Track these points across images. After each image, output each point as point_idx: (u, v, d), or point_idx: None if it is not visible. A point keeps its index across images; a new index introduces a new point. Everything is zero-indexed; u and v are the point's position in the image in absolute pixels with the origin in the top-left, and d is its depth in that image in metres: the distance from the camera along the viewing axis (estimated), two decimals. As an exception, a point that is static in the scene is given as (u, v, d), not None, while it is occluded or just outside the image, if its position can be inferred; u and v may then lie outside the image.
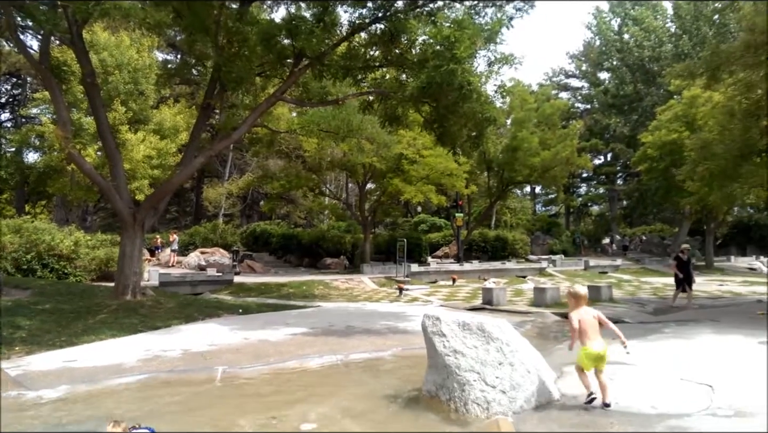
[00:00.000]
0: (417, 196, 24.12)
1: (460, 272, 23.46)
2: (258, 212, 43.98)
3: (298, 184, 26.36)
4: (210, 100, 12.77)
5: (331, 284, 18.99)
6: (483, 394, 4.87)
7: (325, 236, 29.99)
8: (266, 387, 5.97)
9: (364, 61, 12.93)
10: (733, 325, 9.71)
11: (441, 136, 12.83)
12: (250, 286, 17.76)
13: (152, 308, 10.98)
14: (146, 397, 5.46)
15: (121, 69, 22.57)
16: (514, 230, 37.46)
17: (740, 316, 11.29)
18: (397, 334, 9.28)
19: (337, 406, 5.21)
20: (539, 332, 9.92)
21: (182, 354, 7.31)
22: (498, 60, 11.07)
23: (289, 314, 12.00)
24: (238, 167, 40.64)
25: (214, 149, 13.38)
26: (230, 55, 11.55)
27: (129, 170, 20.82)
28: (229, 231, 31.16)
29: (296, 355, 7.30)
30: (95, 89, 12.26)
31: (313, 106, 14.91)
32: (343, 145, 21.96)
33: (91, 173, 12.18)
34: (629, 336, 8.68)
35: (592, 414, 4.71)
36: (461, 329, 5.29)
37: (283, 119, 21.95)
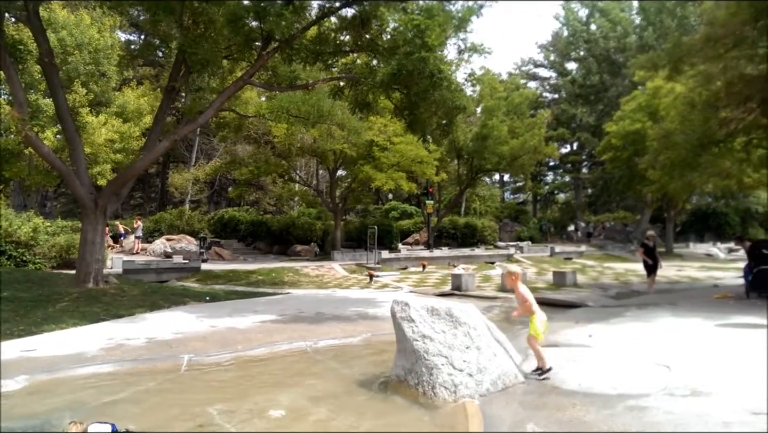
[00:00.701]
0: (388, 183, 24.15)
1: (430, 258, 23.66)
2: (226, 199, 43.32)
3: (268, 170, 26.03)
4: (175, 82, 12.45)
5: (302, 270, 18.90)
6: (451, 377, 4.94)
7: (296, 222, 29.78)
8: (234, 375, 5.92)
9: (335, 45, 12.79)
10: (691, 308, 10.08)
11: (411, 123, 12.83)
12: (217, 273, 17.53)
13: (115, 296, 10.73)
14: (109, 387, 5.35)
15: (81, 49, 21.71)
16: (483, 217, 37.94)
17: (698, 300, 11.73)
18: (366, 320, 9.31)
19: (305, 392, 5.21)
20: (506, 316, 10.10)
21: (147, 343, 7.18)
22: (468, 48, 11.12)
23: (258, 301, 11.90)
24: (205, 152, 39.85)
25: (179, 134, 13.06)
26: (196, 37, 11.26)
27: (90, 154, 20.18)
28: (196, 218, 30.60)
29: (265, 342, 7.25)
30: (53, 70, 11.79)
31: (282, 90, 14.71)
32: (314, 131, 21.76)
33: (50, 157, 11.75)
34: (592, 320, 8.97)
35: (555, 395, 4.83)
36: (430, 315, 5.34)
37: (252, 103, 21.57)
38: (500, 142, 27.75)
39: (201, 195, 41.08)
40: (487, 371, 5.09)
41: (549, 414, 4.36)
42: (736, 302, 10.99)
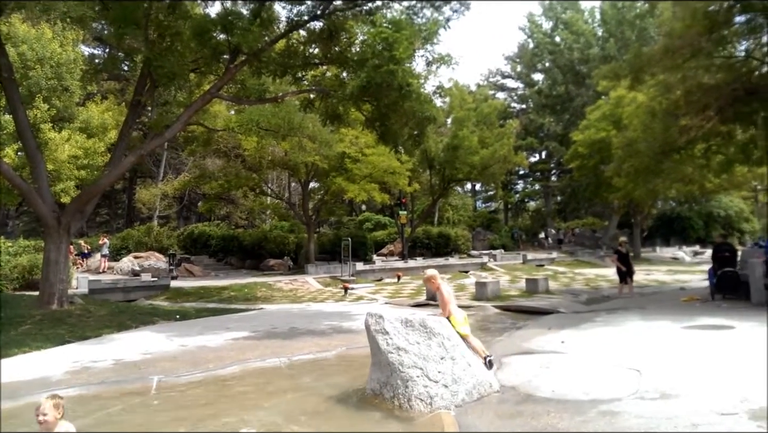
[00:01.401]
0: (361, 194, 24.10)
1: (405, 269, 23.67)
2: (196, 214, 42.59)
3: (238, 183, 25.69)
4: (140, 96, 12.24)
5: (275, 285, 18.67)
6: (426, 389, 4.92)
7: (268, 236, 29.44)
8: (205, 395, 5.78)
9: (304, 58, 12.78)
10: (659, 312, 10.31)
11: (383, 134, 12.87)
12: (188, 290, 17.17)
13: (81, 318, 10.41)
14: (75, 412, 5.15)
15: (43, 63, 21.14)
16: (457, 227, 38.20)
17: (665, 303, 12.01)
18: (341, 334, 9.24)
19: (280, 409, 5.12)
20: (481, 325, 10.15)
21: (114, 364, 6.97)
22: (436, 60, 11.23)
23: (230, 318, 11.70)
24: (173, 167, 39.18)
25: (146, 148, 12.83)
26: (162, 50, 11.12)
27: (53, 171, 19.61)
28: (164, 234, 29.96)
29: (237, 360, 7.11)
30: (13, 85, 11.47)
31: (251, 103, 14.59)
32: (285, 143, 21.62)
33: (10, 175, 11.37)
34: (564, 326, 9.08)
35: (530, 403, 4.85)
36: (404, 326, 5.32)
37: (221, 117, 21.33)
38: (471, 152, 28.06)
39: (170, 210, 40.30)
40: (462, 381, 5.09)
41: (524, 422, 4.38)
42: (702, 305, 11.29)
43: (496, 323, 10.72)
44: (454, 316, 5.75)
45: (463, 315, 5.90)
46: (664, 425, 4.04)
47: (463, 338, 5.63)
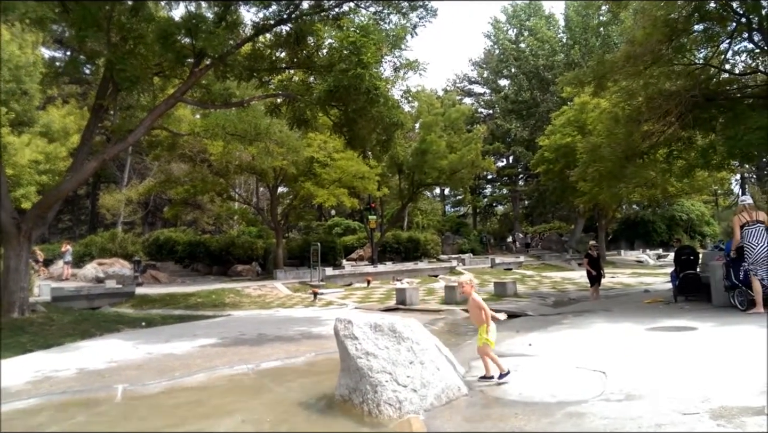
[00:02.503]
0: (330, 199, 24.04)
1: (375, 273, 23.67)
2: (162, 219, 41.70)
3: (205, 189, 25.30)
4: (102, 100, 11.94)
5: (243, 291, 18.41)
6: (395, 394, 4.92)
7: (236, 242, 29.04)
8: (171, 403, 5.65)
9: (270, 62, 12.68)
10: (624, 314, 10.54)
11: (351, 139, 12.87)
12: (154, 297, 16.78)
13: (43, 326, 10.07)
14: (35, 422, 4.98)
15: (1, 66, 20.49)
16: (426, 231, 38.43)
17: (630, 305, 12.29)
18: (310, 339, 9.18)
19: (248, 417, 5.04)
20: (450, 328, 10.23)
21: (77, 373, 6.76)
22: (404, 65, 11.29)
23: (198, 325, 11.48)
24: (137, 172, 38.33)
25: (108, 153, 12.51)
26: (124, 53, 10.87)
27: (12, 176, 18.98)
28: (129, 240, 29.24)
29: (204, 367, 6.98)
30: (-33, 87, 11.05)
31: (217, 108, 14.41)
32: (252, 148, 21.37)
33: (-35, 180, 10.95)
34: (532, 328, 9.22)
35: (498, 406, 4.91)
36: (373, 331, 5.32)
37: (186, 121, 20.97)
38: (439, 156, 28.34)
39: (135, 216, 39.39)
40: (431, 385, 5.11)
41: (492, 425, 4.42)
42: (665, 306, 11.54)
43: (466, 326, 10.81)
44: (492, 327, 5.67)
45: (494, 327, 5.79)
46: (629, 426, 4.13)
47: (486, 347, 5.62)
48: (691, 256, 12.42)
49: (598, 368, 6.00)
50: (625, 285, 18.69)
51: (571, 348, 7.32)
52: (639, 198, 31.31)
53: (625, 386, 5.22)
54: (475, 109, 50.24)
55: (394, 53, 10.73)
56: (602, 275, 14.49)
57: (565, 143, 28.60)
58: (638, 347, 7.23)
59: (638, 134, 14.15)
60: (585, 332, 8.64)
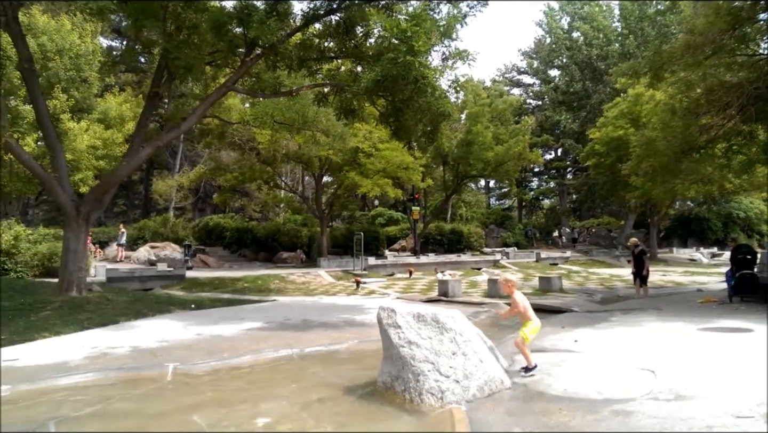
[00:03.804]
0: (374, 189, 24.11)
1: (417, 264, 23.67)
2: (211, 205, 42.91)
3: (252, 176, 25.87)
4: (157, 89, 12.34)
5: (288, 278, 18.78)
6: (437, 384, 4.93)
7: (281, 229, 29.61)
8: (219, 383, 5.85)
9: (319, 52, 12.77)
10: (675, 313, 10.20)
11: (396, 130, 12.84)
12: (203, 281, 17.35)
13: (99, 305, 10.57)
14: (92, 396, 5.25)
15: (62, 55, 21.44)
16: (469, 223, 38.08)
17: (682, 304, 11.86)
18: (353, 327, 9.28)
19: (292, 400, 5.17)
20: (493, 322, 10.13)
21: (131, 351, 7.08)
22: (453, 55, 11.14)
23: (244, 309, 11.81)
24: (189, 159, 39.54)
25: (162, 140, 12.94)
26: (179, 43, 11.18)
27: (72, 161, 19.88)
28: (180, 225, 30.28)
29: (251, 350, 7.18)
30: (33, 75, 11.64)
31: (266, 97, 14.65)
32: (298, 137, 21.69)
33: (30, 164, 11.57)
34: (578, 325, 9.03)
35: (541, 400, 4.85)
36: (416, 321, 5.33)
37: (235, 110, 21.44)
38: (485, 148, 27.93)
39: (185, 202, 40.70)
40: (474, 376, 5.09)
41: (535, 419, 4.37)
42: (719, 307, 11.13)
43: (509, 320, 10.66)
44: (533, 321, 5.85)
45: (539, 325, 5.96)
46: (679, 426, 4.01)
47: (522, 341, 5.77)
48: (748, 255, 11.91)
49: (647, 366, 5.83)
50: (677, 284, 18.00)
51: (618, 346, 7.14)
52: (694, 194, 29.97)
53: (675, 385, 5.05)
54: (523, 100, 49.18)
55: (443, 43, 10.61)
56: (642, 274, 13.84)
57: (618, 136, 27.69)
58: (689, 347, 6.98)
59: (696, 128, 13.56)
60: (633, 330, 8.40)
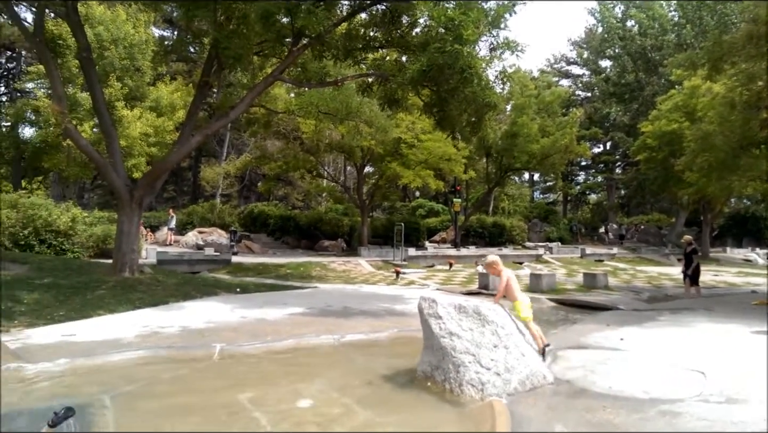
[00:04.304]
0: (415, 180, 24.07)
1: (457, 256, 23.54)
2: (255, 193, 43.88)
3: (296, 165, 26.26)
4: (207, 78, 12.65)
5: (329, 265, 19.03)
6: (478, 375, 4.91)
7: (323, 218, 29.99)
8: (263, 365, 6.01)
9: (365, 41, 12.80)
10: (727, 314, 9.80)
11: (440, 120, 12.75)
12: (247, 266, 17.78)
13: (150, 285, 11.00)
14: (144, 372, 5.49)
15: (117, 44, 22.27)
16: (512, 217, 37.53)
17: (735, 305, 11.39)
18: (393, 316, 9.33)
19: (333, 384, 5.25)
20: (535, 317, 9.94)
21: (180, 331, 7.34)
22: (501, 45, 10.94)
23: (287, 295, 12.05)
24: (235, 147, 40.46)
25: (211, 128, 13.28)
26: (228, 33, 11.41)
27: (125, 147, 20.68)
28: (226, 211, 31.11)
29: (293, 334, 7.33)
30: (90, 64, 12.12)
31: (312, 86, 14.78)
32: (341, 127, 21.85)
33: (88, 149, 12.08)
34: (623, 323, 8.80)
35: (584, 397, 4.76)
36: (457, 312, 5.32)
37: (281, 100, 21.77)
38: (530, 140, 27.39)
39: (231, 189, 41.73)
40: (515, 370, 5.05)
41: (578, 416, 4.30)
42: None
43: (551, 316, 10.53)
44: (520, 301, 5.88)
45: (528, 301, 6.01)
46: (730, 430, 3.87)
47: (525, 323, 5.74)
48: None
49: (697, 367, 5.64)
50: (730, 284, 17.24)
51: (666, 346, 6.92)
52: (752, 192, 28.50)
53: (727, 388, 4.87)
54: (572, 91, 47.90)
55: (491, 32, 10.43)
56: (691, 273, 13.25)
57: (671, 130, 26.65)
58: (742, 349, 6.71)
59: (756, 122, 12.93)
60: (682, 330, 8.12)
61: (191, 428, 4.11)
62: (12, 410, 4.32)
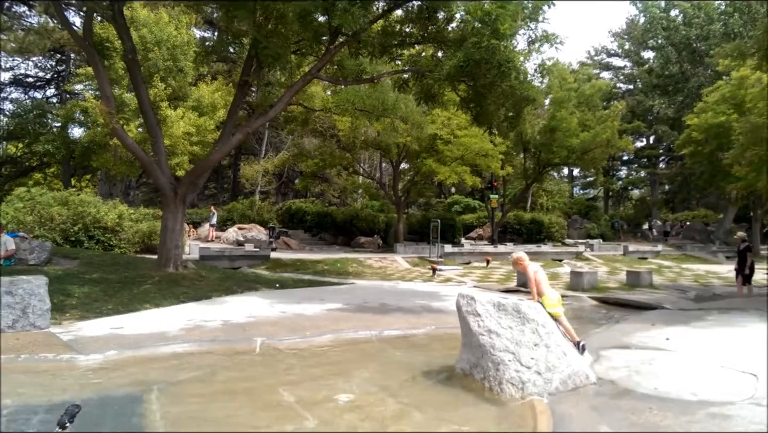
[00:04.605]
0: (451, 177, 23.88)
1: (494, 253, 23.27)
2: (293, 190, 44.45)
3: (332, 162, 26.49)
4: (247, 77, 12.87)
5: (365, 262, 19.13)
6: (518, 374, 4.86)
7: (359, 214, 30.14)
8: (303, 359, 6.11)
9: (401, 38, 12.78)
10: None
11: (477, 115, 12.63)
12: (286, 262, 18.06)
13: (193, 280, 11.31)
14: (189, 364, 5.66)
15: (161, 46, 22.88)
16: (551, 213, 36.81)
17: (788, 306, 10.87)
18: (431, 313, 9.32)
19: (372, 379, 5.30)
20: (576, 315, 9.77)
21: (223, 325, 7.53)
22: (539, 38, 10.74)
23: (325, 290, 12.19)
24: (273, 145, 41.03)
25: (251, 127, 13.52)
26: (267, 32, 11.59)
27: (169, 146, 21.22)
28: (265, 208, 31.67)
29: (332, 329, 7.42)
30: (136, 65, 12.50)
31: (349, 84, 14.87)
32: (377, 124, 21.91)
33: (134, 148, 12.48)
34: (669, 322, 8.55)
35: (629, 398, 4.65)
36: (496, 310, 5.27)
37: (318, 97, 21.99)
38: (569, 134, 26.75)
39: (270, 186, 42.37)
40: (557, 369, 4.97)
41: (622, 416, 4.21)
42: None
43: (593, 315, 10.32)
44: (547, 295, 5.72)
45: (557, 296, 5.85)
46: (785, 435, 3.72)
47: (555, 319, 5.58)
48: None
49: (748, 370, 5.43)
50: (784, 284, 16.46)
51: (715, 346, 6.69)
52: (807, 187, 27.19)
53: (783, 392, 4.67)
54: (613, 84, 46.54)
55: (529, 26, 10.26)
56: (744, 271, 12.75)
57: (719, 122, 25.57)
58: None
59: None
60: (733, 330, 7.82)
61: (235, 419, 4.21)
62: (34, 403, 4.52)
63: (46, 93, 37.72)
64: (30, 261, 11.31)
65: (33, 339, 6.19)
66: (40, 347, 5.86)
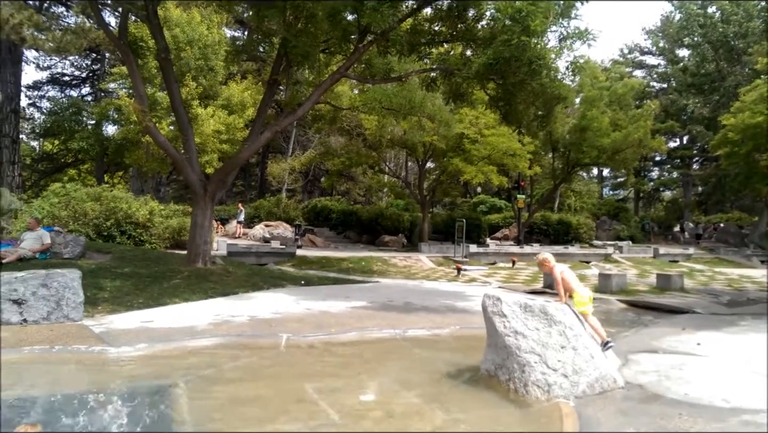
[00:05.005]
0: (477, 176, 23.72)
1: (520, 254, 23.05)
2: (319, 188, 44.78)
3: (358, 161, 26.61)
4: (276, 76, 13.00)
5: (390, 260, 19.16)
6: (544, 376, 4.81)
7: (384, 213, 30.19)
8: (327, 356, 6.16)
9: (429, 36, 12.75)
10: (819, 322, 9.05)
11: (506, 114, 12.52)
12: (311, 259, 18.21)
13: (221, 276, 11.50)
14: (216, 358, 5.77)
15: (192, 45, 23.31)
16: (579, 214, 36.26)
17: (827, 313, 10.49)
18: (455, 313, 9.28)
19: (395, 378, 5.31)
20: (604, 318, 9.58)
21: (249, 320, 7.64)
22: (571, 35, 10.58)
23: (350, 288, 12.25)
24: (300, 144, 41.40)
25: (280, 125, 13.67)
26: (297, 32, 11.69)
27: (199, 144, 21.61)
28: (291, 206, 31.98)
29: (356, 327, 7.45)
30: (169, 65, 12.75)
31: (377, 83, 14.89)
32: (404, 123, 21.91)
33: (166, 146, 12.73)
34: (701, 327, 8.34)
35: (658, 403, 4.56)
36: (522, 311, 5.22)
37: (345, 96, 22.10)
38: (600, 134, 26.29)
39: (296, 184, 42.79)
40: (584, 372, 4.90)
41: (651, 421, 4.13)
42: None
43: (622, 318, 10.13)
44: (578, 292, 5.61)
45: (589, 294, 5.72)
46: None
47: (584, 317, 5.49)
48: None
49: (785, 378, 5.26)
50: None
51: (748, 352, 6.50)
52: None
53: (821, 402, 4.51)
54: (646, 82, 45.52)
55: (561, 22, 10.12)
56: None
57: (756, 123, 24.80)
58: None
59: None
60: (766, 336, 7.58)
61: (260, 413, 4.28)
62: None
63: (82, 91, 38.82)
64: (64, 255, 11.62)
65: (66, 331, 6.38)
66: (73, 339, 6.04)
